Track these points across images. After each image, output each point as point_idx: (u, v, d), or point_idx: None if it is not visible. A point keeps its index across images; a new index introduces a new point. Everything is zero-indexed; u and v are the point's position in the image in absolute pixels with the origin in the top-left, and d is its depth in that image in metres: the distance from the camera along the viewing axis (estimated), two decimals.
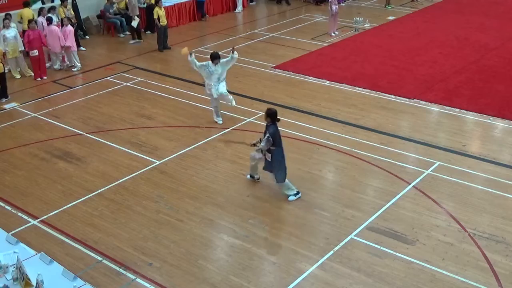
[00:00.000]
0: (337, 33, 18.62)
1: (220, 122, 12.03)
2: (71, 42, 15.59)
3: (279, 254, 8.06)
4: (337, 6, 18.43)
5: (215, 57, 11.58)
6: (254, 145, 9.22)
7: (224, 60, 11.69)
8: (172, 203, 9.31)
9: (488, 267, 7.70)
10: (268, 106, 12.83)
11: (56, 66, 15.80)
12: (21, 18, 16.14)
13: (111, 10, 18.93)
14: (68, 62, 15.92)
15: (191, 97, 13.56)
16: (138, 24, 18.32)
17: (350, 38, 18.33)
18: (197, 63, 11.72)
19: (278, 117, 9.03)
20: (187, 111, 12.71)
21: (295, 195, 9.24)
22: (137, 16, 18.45)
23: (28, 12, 16.15)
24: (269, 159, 8.97)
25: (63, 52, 15.75)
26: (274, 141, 8.85)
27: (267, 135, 8.85)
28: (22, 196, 9.63)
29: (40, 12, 16.16)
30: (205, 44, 18.08)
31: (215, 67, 11.58)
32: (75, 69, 15.75)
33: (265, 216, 8.91)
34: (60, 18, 16.47)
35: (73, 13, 17.47)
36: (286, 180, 9.12)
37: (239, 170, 10.24)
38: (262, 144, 8.91)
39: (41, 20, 15.75)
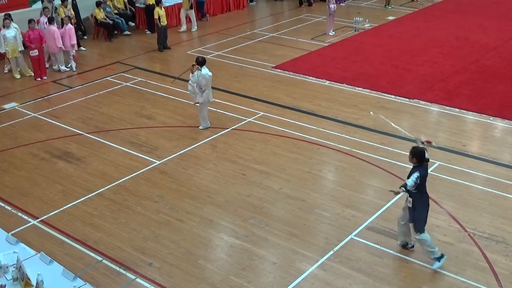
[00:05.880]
0: (334, 33, 18.62)
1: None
2: (73, 40, 15.62)
3: (279, 254, 8.06)
4: (335, 5, 18.44)
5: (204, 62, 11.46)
6: (398, 193, 7.70)
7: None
8: (172, 203, 9.31)
9: (488, 267, 7.70)
10: (272, 108, 12.90)
11: (63, 67, 15.74)
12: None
13: (108, 9, 18.81)
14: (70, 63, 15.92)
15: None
16: None
17: (350, 38, 18.33)
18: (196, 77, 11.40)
19: (427, 157, 7.64)
20: (187, 111, 12.71)
21: (438, 260, 7.66)
22: None
23: None
24: (410, 205, 7.60)
25: (73, 51, 15.77)
26: (420, 184, 7.46)
27: (416, 173, 7.41)
28: (22, 196, 9.63)
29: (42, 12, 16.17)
30: (205, 44, 18.09)
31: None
32: (71, 69, 15.74)
33: (265, 216, 8.91)
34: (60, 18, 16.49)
35: (73, 12, 17.47)
36: (426, 235, 7.63)
37: (239, 170, 10.24)
38: (412, 179, 7.39)
39: (43, 20, 15.74)
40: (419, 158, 7.49)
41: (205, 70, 11.30)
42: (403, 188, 7.40)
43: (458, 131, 11.68)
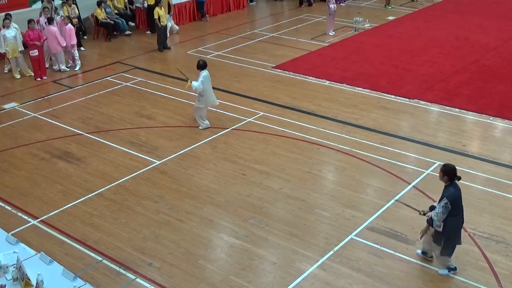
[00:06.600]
0: (334, 33, 18.64)
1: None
2: (73, 40, 15.63)
3: (279, 254, 8.06)
4: (335, 5, 18.44)
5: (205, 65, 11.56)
6: (425, 213, 7.40)
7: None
8: (172, 203, 9.31)
9: (488, 267, 7.70)
10: (272, 108, 12.91)
11: (63, 67, 15.75)
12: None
13: (108, 10, 18.80)
14: (70, 62, 15.96)
15: (191, 97, 13.53)
16: None
17: (350, 38, 18.33)
18: (200, 81, 11.39)
19: (458, 175, 7.16)
20: (187, 111, 12.71)
21: (449, 270, 7.53)
22: None
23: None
24: (439, 229, 7.19)
25: (73, 51, 15.80)
26: (453, 207, 7.03)
27: (444, 199, 7.03)
28: (22, 196, 9.63)
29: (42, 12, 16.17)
30: (205, 44, 18.09)
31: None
32: (76, 68, 15.81)
33: (265, 216, 8.91)
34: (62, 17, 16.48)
35: (77, 12, 17.47)
36: (450, 258, 7.50)
37: (239, 170, 10.24)
38: (437, 211, 7.07)
39: (43, 20, 15.74)
40: (450, 176, 7.10)
41: (196, 80, 11.41)
42: (428, 224, 7.22)
43: (458, 131, 11.68)
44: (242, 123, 12.12)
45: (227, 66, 15.80)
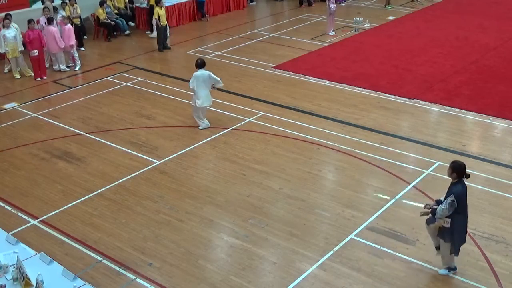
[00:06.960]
0: (334, 33, 18.64)
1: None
2: (72, 40, 15.63)
3: (279, 254, 8.06)
4: (335, 5, 18.45)
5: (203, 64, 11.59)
6: (431, 207, 7.29)
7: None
8: (172, 203, 9.31)
9: (488, 267, 7.70)
10: (272, 108, 12.92)
11: (63, 67, 15.75)
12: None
13: (108, 10, 18.80)
14: (70, 62, 15.97)
15: (191, 97, 13.54)
16: None
17: (350, 38, 18.33)
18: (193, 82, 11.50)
19: (467, 172, 7.12)
20: (187, 111, 12.70)
21: (449, 270, 7.55)
22: None
23: None
24: (447, 225, 7.11)
25: (72, 51, 15.81)
26: (459, 205, 6.99)
27: (451, 196, 6.96)
28: (22, 196, 9.63)
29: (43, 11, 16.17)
30: (205, 44, 18.09)
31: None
32: (76, 68, 15.82)
33: (265, 216, 8.91)
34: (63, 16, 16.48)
35: (79, 11, 17.47)
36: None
37: (239, 170, 10.24)
38: (442, 207, 7.00)
39: (43, 20, 15.75)
40: (459, 173, 7.01)
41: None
42: (430, 215, 7.17)
43: (458, 131, 11.68)
44: (242, 123, 12.13)
45: (227, 66, 15.80)
